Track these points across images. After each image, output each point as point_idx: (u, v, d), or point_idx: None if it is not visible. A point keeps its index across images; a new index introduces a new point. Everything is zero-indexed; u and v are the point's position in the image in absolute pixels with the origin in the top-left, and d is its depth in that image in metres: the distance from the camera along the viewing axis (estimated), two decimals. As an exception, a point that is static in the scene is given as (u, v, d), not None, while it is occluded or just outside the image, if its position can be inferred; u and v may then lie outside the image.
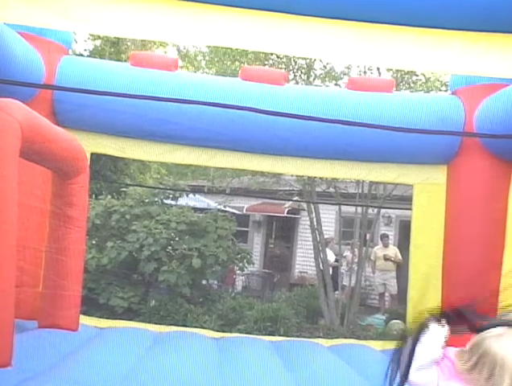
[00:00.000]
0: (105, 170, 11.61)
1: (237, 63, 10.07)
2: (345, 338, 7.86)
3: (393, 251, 11.77)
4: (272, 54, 9.55)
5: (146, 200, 9.86)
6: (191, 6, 3.59)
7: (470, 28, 3.60)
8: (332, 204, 11.47)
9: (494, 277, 5.17)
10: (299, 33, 3.71)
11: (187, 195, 10.86)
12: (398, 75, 9.59)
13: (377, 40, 3.69)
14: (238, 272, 11.97)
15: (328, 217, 12.67)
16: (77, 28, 5.46)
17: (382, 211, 12.01)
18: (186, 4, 3.59)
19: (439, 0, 3.60)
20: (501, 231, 5.61)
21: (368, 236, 10.72)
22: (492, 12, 3.52)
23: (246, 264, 10.48)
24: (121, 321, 6.61)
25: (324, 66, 10.25)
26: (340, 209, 11.00)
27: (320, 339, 6.85)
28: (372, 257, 11.61)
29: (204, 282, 10.00)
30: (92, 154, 6.18)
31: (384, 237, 11.97)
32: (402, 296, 9.34)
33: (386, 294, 11.69)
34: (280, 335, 7.64)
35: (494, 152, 5.73)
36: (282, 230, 16.22)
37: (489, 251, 5.57)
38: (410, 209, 6.77)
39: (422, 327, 1.95)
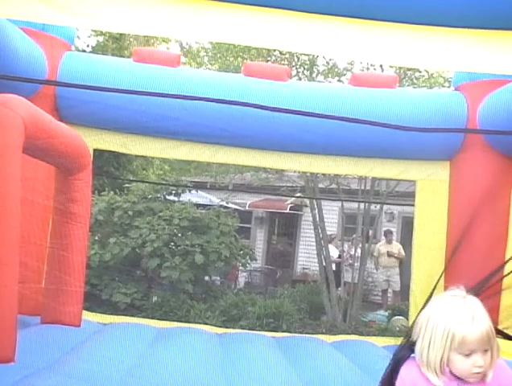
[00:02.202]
0: (108, 166, 11.62)
1: (239, 59, 10.05)
2: (348, 334, 7.86)
3: (396, 247, 11.76)
4: (275, 50, 9.52)
5: (149, 196, 9.86)
6: (193, 1, 3.58)
7: (473, 25, 3.58)
8: (335, 200, 11.47)
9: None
10: (301, 29, 3.70)
11: (189, 191, 10.86)
12: (401, 71, 9.55)
13: (379, 37, 3.69)
14: (241, 268, 11.97)
15: (331, 213, 12.65)
16: (80, 24, 5.47)
17: (385, 207, 11.98)
18: (189, 0, 3.59)
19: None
20: (503, 227, 5.62)
21: (370, 232, 10.71)
22: (495, 9, 3.51)
23: (249, 261, 10.49)
24: (123, 317, 6.62)
25: (327, 62, 10.23)
26: (342, 205, 10.98)
27: (323, 335, 6.86)
28: (375, 254, 11.60)
29: (206, 278, 10.01)
30: (94, 150, 6.18)
31: (388, 233, 11.95)
32: (404, 292, 9.34)
33: (389, 290, 11.68)
34: (283, 331, 7.63)
35: (497, 148, 5.72)
36: (285, 226, 16.23)
37: (491, 247, 5.57)
38: (413, 205, 6.77)
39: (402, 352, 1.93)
